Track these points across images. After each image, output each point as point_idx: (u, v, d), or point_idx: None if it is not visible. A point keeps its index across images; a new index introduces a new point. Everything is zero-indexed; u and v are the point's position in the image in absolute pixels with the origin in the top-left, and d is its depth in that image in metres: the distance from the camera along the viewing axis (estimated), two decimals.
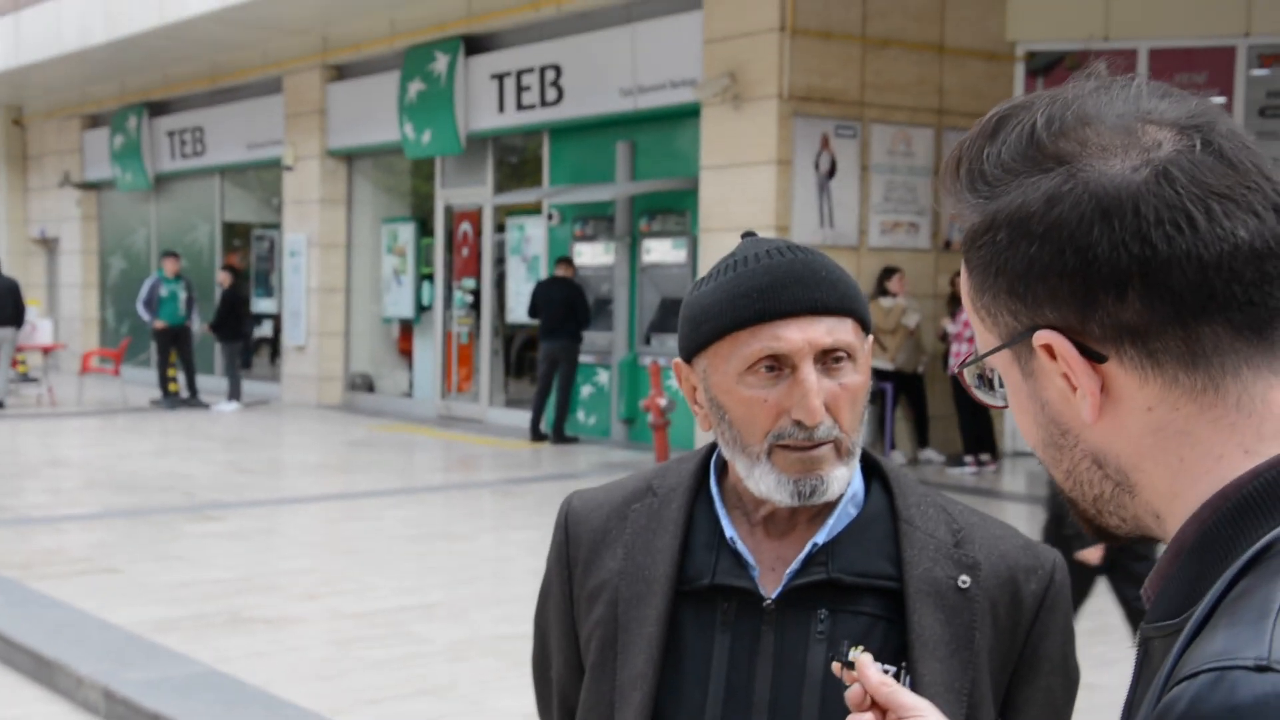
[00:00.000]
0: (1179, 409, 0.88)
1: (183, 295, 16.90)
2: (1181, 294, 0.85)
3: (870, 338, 1.57)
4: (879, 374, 11.91)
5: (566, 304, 13.09)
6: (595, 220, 14.05)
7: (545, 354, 13.29)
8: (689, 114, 12.44)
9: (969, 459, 11.63)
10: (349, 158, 17.33)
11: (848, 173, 11.90)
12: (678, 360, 1.60)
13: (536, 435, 13.49)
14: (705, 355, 1.54)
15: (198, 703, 5.29)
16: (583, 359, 13.48)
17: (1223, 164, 0.87)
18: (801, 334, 1.48)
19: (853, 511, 1.57)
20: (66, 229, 23.05)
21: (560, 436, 13.34)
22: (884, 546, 1.54)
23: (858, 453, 1.55)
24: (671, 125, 13.03)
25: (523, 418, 14.28)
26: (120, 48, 17.85)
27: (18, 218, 24.31)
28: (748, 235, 1.61)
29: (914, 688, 1.46)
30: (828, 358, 1.50)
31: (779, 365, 1.49)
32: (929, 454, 12.28)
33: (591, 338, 13.49)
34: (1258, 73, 11.58)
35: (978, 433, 11.61)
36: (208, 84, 19.09)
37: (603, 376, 13.73)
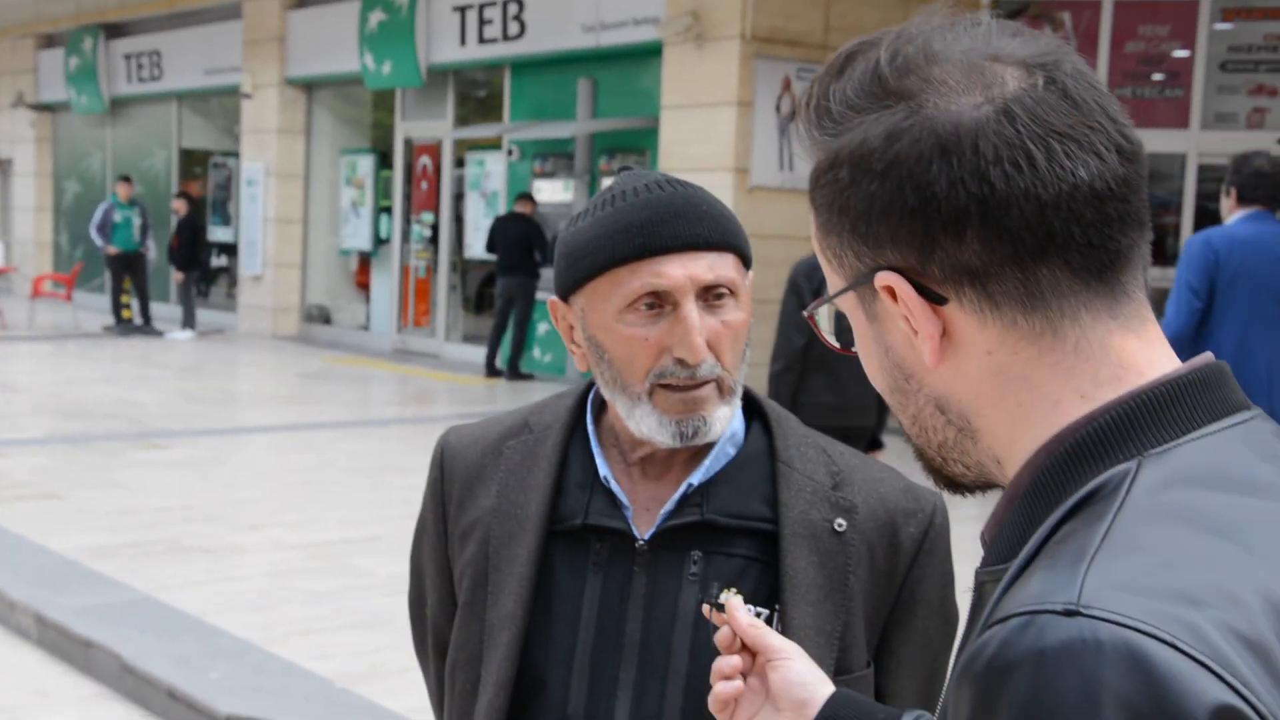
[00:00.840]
0: (1018, 353, 0.87)
1: (137, 221, 16.69)
2: (1019, 234, 0.84)
3: (750, 273, 1.55)
4: None
5: (524, 240, 13.02)
6: (555, 157, 13.94)
7: (502, 289, 13.23)
8: (651, 52, 12.32)
9: None
10: (309, 87, 17.10)
11: None
12: (554, 299, 1.57)
13: (492, 371, 13.46)
14: (583, 293, 1.51)
15: (130, 629, 5.27)
16: (540, 296, 13.43)
17: (1066, 103, 0.85)
18: (683, 270, 1.46)
19: (731, 451, 1.55)
20: (20, 151, 22.68)
21: (515, 373, 13.32)
22: (760, 488, 1.53)
23: (740, 392, 1.53)
24: (634, 63, 12.91)
25: (479, 353, 14.24)
26: None
27: None
28: (625, 169, 1.58)
29: (785, 631, 1.46)
30: (709, 294, 1.48)
31: (660, 302, 1.47)
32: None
33: (549, 275, 13.42)
34: (1220, 26, 11.56)
35: None
36: (166, 7, 18.76)
37: None
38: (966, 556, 1.22)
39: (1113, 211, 0.85)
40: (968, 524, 2.08)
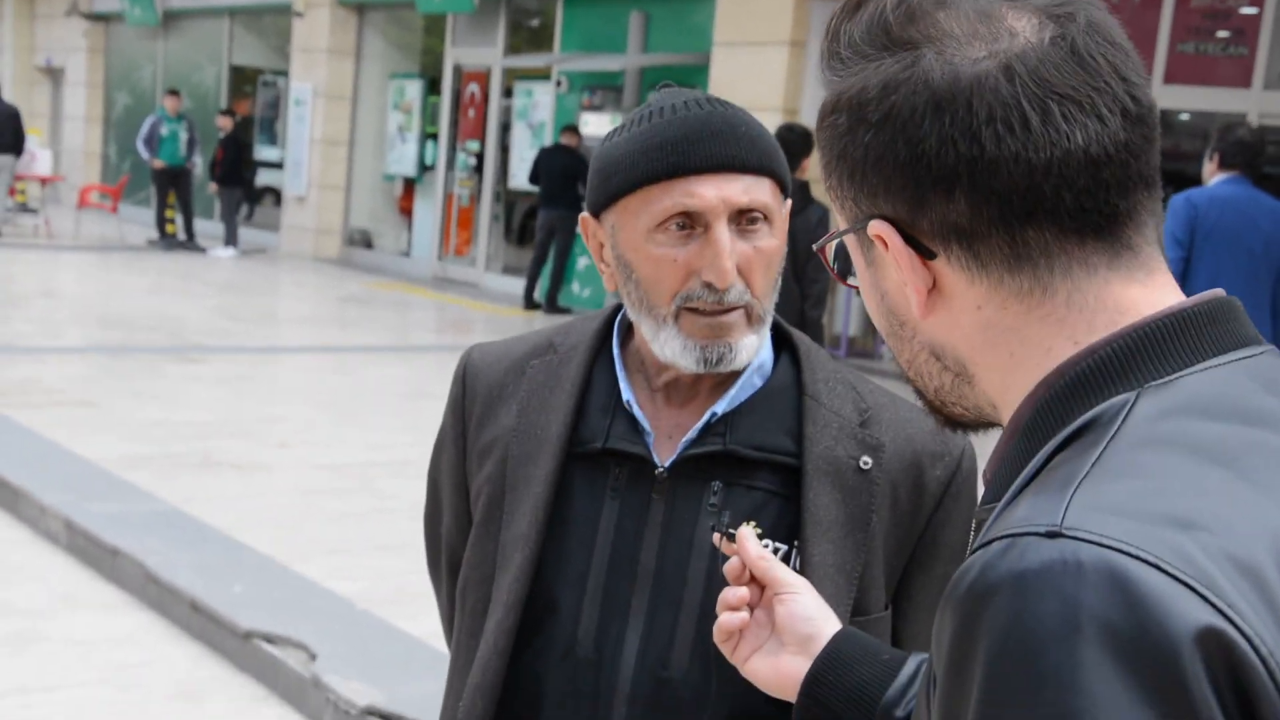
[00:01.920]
0: (1007, 308, 0.86)
1: (184, 135, 16.68)
2: (1008, 197, 0.82)
3: (789, 201, 1.49)
4: None
5: (568, 173, 12.93)
6: (604, 90, 13.81)
7: (543, 222, 13.17)
8: None
9: None
10: (360, 8, 16.99)
11: None
12: (584, 215, 1.52)
13: (530, 303, 13.44)
14: (614, 210, 1.46)
15: (157, 540, 5.30)
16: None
17: (1073, 60, 0.82)
18: (716, 191, 1.41)
19: (758, 382, 1.51)
20: (72, 60, 22.71)
21: (553, 306, 13.28)
22: (786, 421, 1.49)
23: (769, 321, 1.48)
24: None
25: (518, 285, 14.21)
26: None
27: (24, 44, 23.93)
28: (664, 85, 1.52)
29: (804, 568, 1.42)
30: (743, 218, 1.42)
31: (691, 223, 1.42)
32: None
33: None
34: None
35: None
36: None
37: None
38: None
39: (1109, 177, 0.83)
40: None
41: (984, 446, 1.41)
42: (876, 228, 0.88)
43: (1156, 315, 0.83)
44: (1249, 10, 11.20)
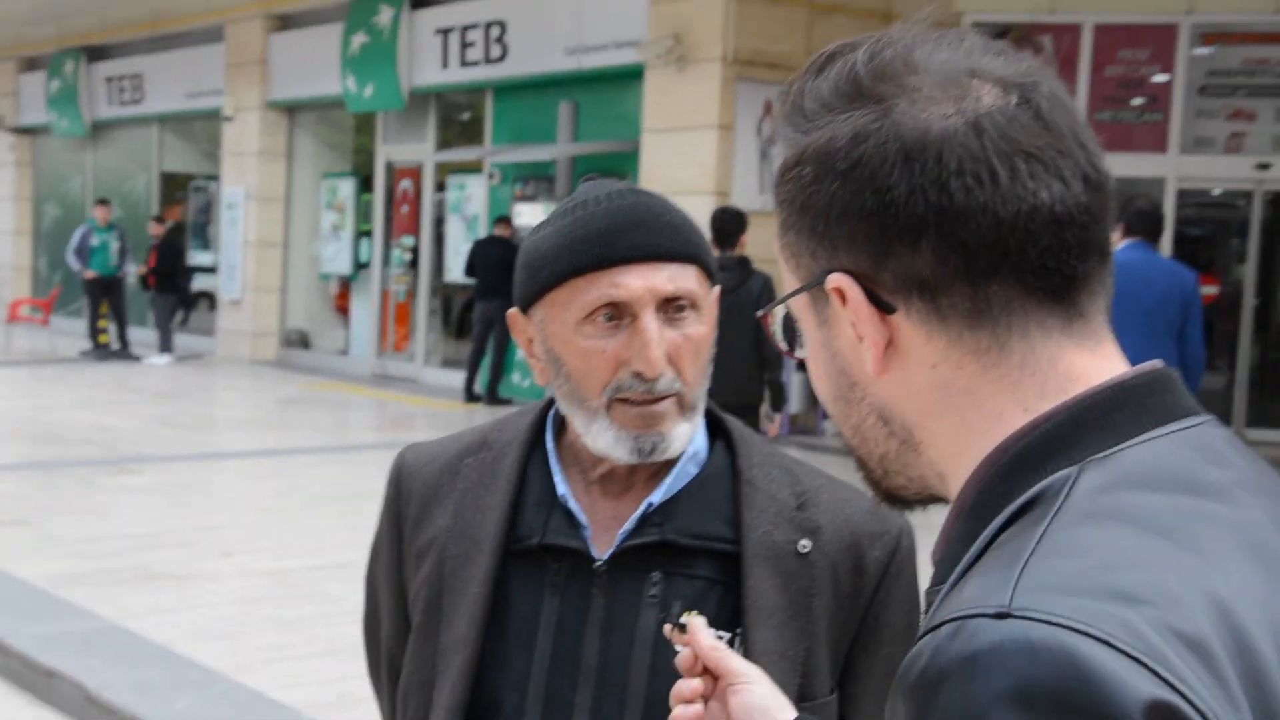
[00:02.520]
0: (963, 367, 0.85)
1: (115, 245, 16.57)
2: (975, 249, 0.82)
3: (717, 288, 1.49)
4: None
5: (504, 264, 12.93)
6: (536, 180, 13.91)
7: (480, 314, 13.16)
8: (633, 75, 12.31)
9: None
10: (290, 110, 17.05)
11: None
12: (513, 310, 1.51)
13: (470, 396, 13.38)
14: (543, 304, 1.45)
15: (95, 659, 5.16)
16: None
17: (1038, 124, 0.84)
18: (642, 281, 1.40)
19: (693, 470, 1.49)
20: (0, 175, 22.55)
21: (494, 398, 13.23)
22: (722, 508, 1.47)
23: (701, 408, 1.47)
24: (615, 86, 12.89)
25: (458, 378, 14.15)
26: None
27: None
28: (589, 178, 1.52)
29: (747, 654, 1.40)
30: (670, 306, 1.42)
31: (619, 314, 1.41)
32: None
33: None
34: (1200, 51, 11.60)
35: None
36: (147, 30, 18.70)
37: None
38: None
39: (1071, 238, 0.83)
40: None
41: (922, 520, 1.40)
42: (836, 280, 0.87)
43: (1098, 388, 0.83)
44: (1161, 78, 11.51)
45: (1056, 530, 0.76)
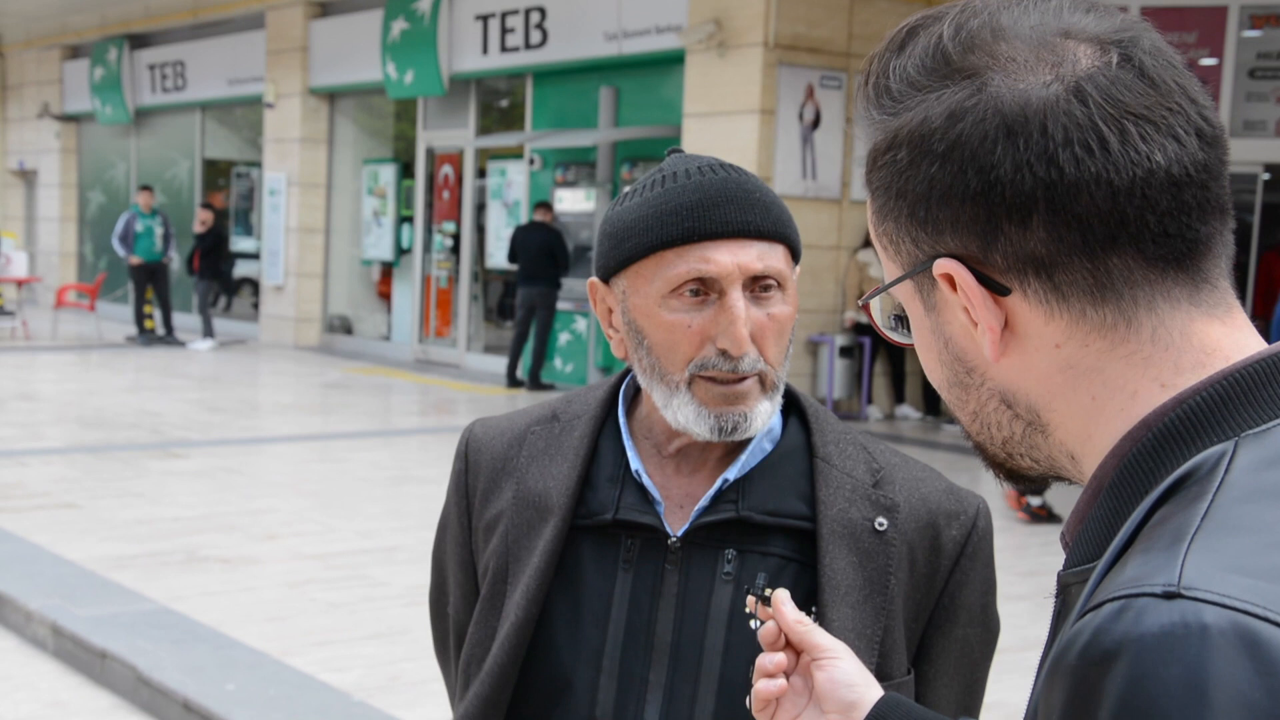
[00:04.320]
0: (1089, 345, 0.81)
1: (159, 231, 16.69)
2: (1090, 222, 0.78)
3: (798, 267, 1.47)
4: (858, 328, 11.84)
5: (545, 249, 12.96)
6: (577, 166, 13.89)
7: (523, 299, 13.17)
8: (674, 60, 12.27)
9: None
10: (331, 96, 17.10)
11: (832, 124, 11.75)
12: (594, 279, 1.50)
13: (513, 381, 13.40)
14: (626, 275, 1.44)
15: (145, 640, 5.20)
16: (561, 305, 13.36)
17: (1143, 82, 0.79)
18: (732, 257, 1.39)
19: (767, 447, 1.48)
20: (45, 161, 22.76)
21: (536, 383, 13.25)
22: (798, 485, 1.45)
23: (782, 388, 1.46)
24: (656, 71, 12.85)
25: (501, 364, 14.18)
26: None
27: None
28: (674, 151, 1.50)
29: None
30: (757, 285, 1.41)
31: (706, 290, 1.40)
32: (905, 410, 12.22)
33: (570, 284, 13.35)
34: (1249, 34, 11.44)
35: None
36: (189, 17, 18.80)
37: (580, 324, 13.62)
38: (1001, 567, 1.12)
39: (1191, 199, 0.79)
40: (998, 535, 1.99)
41: (999, 504, 1.37)
42: (944, 266, 0.83)
43: (1245, 362, 0.79)
44: (1210, 61, 11.36)
45: (1222, 507, 0.73)
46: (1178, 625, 0.66)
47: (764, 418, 1.42)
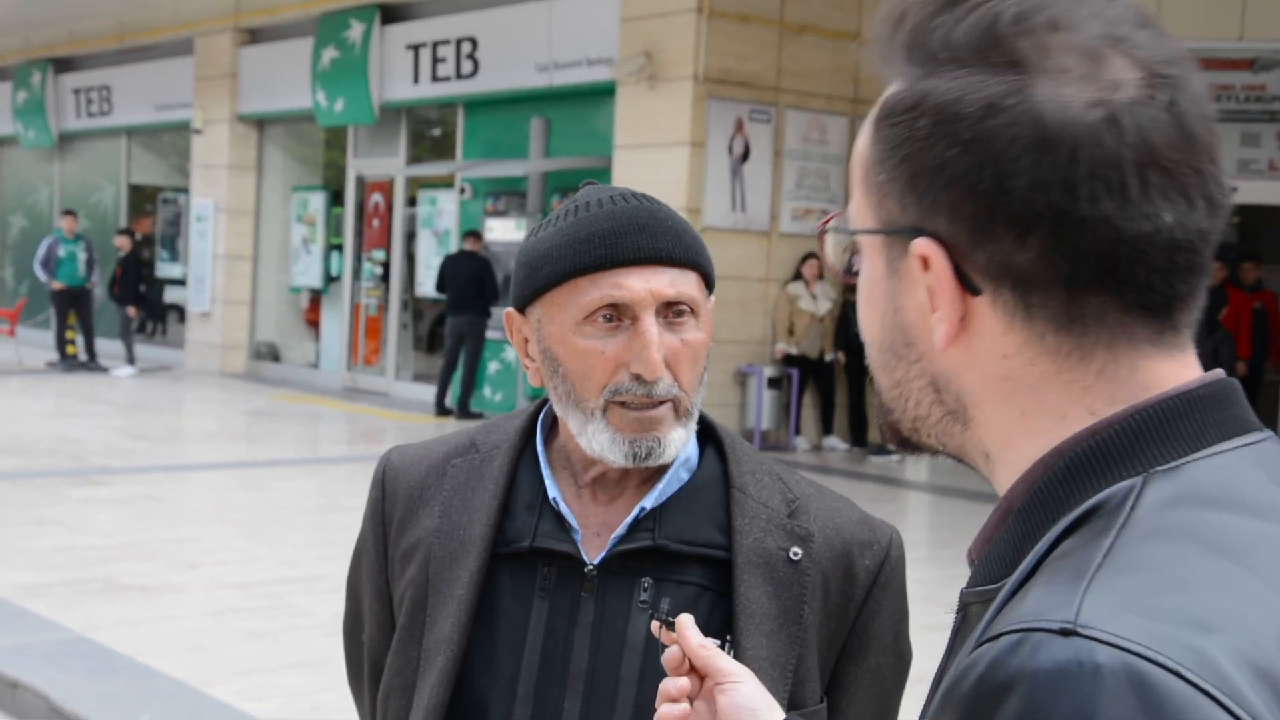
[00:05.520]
0: (1035, 365, 0.81)
1: (82, 256, 16.45)
2: (1084, 258, 0.77)
3: (712, 296, 1.49)
4: (787, 360, 11.94)
5: (474, 278, 12.94)
6: (507, 195, 13.90)
7: (452, 328, 13.13)
8: (604, 92, 12.33)
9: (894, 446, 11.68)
10: (260, 123, 16.99)
11: (761, 158, 11.88)
12: (509, 310, 1.51)
13: (441, 410, 13.34)
14: (541, 303, 1.45)
15: (60, 671, 5.11)
16: (490, 335, 13.33)
17: (1178, 131, 0.78)
18: (644, 283, 1.41)
19: (684, 476, 1.49)
20: None
21: (465, 412, 13.19)
22: (715, 514, 1.47)
23: (696, 414, 1.48)
24: (587, 103, 12.91)
25: (429, 392, 14.11)
26: (24, 0, 17.31)
27: None
28: (587, 183, 1.53)
29: (738, 661, 1.40)
30: (670, 311, 1.43)
31: (619, 316, 1.41)
32: (833, 441, 12.32)
33: (499, 313, 13.30)
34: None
35: None
36: (116, 42, 18.60)
37: (509, 353, 13.58)
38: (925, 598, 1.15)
39: (1182, 262, 0.79)
40: (914, 566, 2.02)
41: (910, 535, 1.40)
42: (924, 247, 0.81)
43: (1161, 396, 0.80)
44: None
45: (1124, 544, 0.73)
46: (1071, 663, 0.67)
47: (678, 445, 1.44)
